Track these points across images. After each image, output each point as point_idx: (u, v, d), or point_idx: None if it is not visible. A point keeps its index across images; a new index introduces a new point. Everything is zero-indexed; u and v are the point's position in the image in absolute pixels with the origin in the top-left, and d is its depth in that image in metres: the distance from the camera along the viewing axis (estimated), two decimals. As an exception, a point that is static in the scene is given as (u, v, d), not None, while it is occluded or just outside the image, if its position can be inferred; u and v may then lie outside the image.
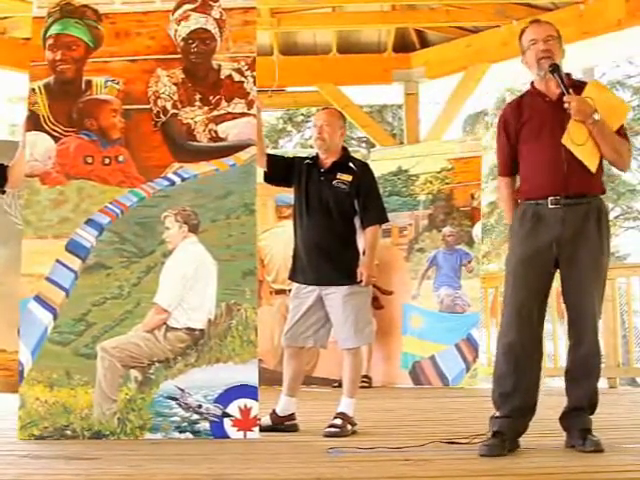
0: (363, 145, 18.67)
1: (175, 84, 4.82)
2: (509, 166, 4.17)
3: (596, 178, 3.93)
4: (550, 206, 3.92)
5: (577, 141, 3.89)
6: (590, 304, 3.90)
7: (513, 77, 9.28)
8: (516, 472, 3.42)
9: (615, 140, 3.92)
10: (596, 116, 3.83)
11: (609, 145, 3.89)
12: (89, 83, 4.85)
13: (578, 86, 3.99)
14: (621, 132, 3.96)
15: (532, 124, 4.02)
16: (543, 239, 3.92)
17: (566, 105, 3.87)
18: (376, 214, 4.89)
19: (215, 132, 4.78)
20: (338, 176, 4.85)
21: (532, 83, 4.11)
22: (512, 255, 4.05)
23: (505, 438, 3.80)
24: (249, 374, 4.53)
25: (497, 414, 3.93)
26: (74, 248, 4.67)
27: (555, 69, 3.93)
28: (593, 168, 3.89)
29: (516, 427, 3.88)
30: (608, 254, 3.98)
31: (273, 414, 4.84)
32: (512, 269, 4.02)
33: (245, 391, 4.51)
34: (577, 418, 3.88)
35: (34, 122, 4.79)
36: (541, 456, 3.71)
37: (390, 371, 8.21)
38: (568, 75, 4.03)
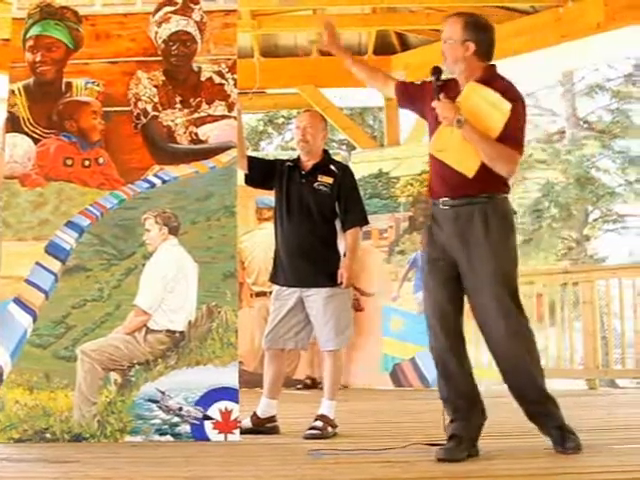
0: (344, 147, 18.67)
1: (155, 86, 4.81)
2: (402, 89, 4.22)
3: (484, 179, 3.81)
4: (442, 207, 3.92)
5: (438, 147, 3.90)
6: (482, 305, 3.84)
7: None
8: (496, 474, 3.43)
9: (486, 145, 3.76)
10: (457, 120, 3.75)
11: (479, 149, 3.76)
12: (69, 85, 4.84)
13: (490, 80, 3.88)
14: (506, 137, 3.77)
15: (433, 120, 3.96)
16: (439, 243, 3.92)
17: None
18: (357, 216, 4.89)
19: (196, 134, 4.78)
20: (319, 178, 4.86)
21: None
22: (423, 275, 4.08)
23: (462, 441, 3.76)
24: (229, 376, 4.53)
25: (450, 418, 3.91)
26: (54, 250, 4.66)
27: (434, 73, 3.91)
28: (468, 172, 3.81)
29: (468, 430, 3.83)
30: (503, 253, 3.84)
31: (254, 416, 4.84)
32: (422, 274, 4.08)
33: (226, 393, 4.51)
34: (545, 417, 3.87)
35: (13, 124, 4.77)
36: (521, 457, 3.72)
37: (370, 373, 8.21)
38: (490, 67, 3.94)
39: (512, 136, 3.79)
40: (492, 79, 3.90)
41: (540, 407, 3.86)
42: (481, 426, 3.89)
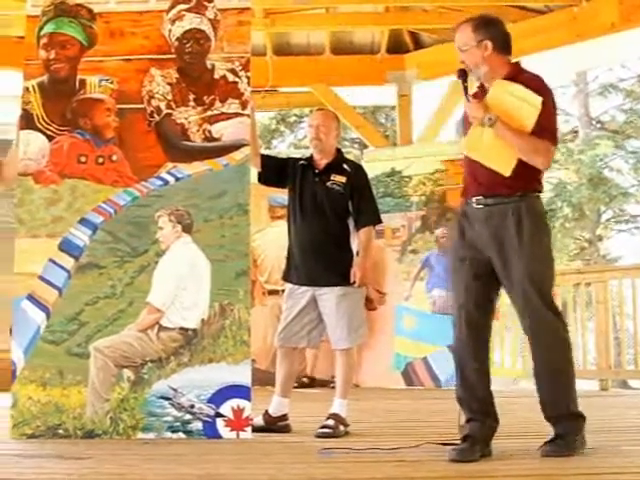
0: (356, 146, 18.68)
1: (169, 84, 4.82)
2: None
3: (518, 177, 3.79)
4: (475, 206, 3.90)
5: (470, 147, 3.91)
6: (520, 305, 3.82)
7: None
8: (509, 474, 3.42)
9: (520, 140, 3.75)
10: (487, 119, 3.77)
11: (514, 146, 3.76)
12: (83, 82, 4.85)
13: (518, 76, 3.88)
14: (539, 130, 3.75)
15: (467, 122, 4.00)
16: (469, 241, 3.91)
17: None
18: (370, 215, 4.89)
19: (209, 132, 4.78)
20: (332, 177, 4.86)
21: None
22: (449, 273, 4.08)
23: (475, 442, 3.73)
24: (242, 374, 4.53)
25: (466, 418, 3.89)
26: (67, 247, 4.67)
27: (459, 75, 3.91)
28: (504, 170, 3.79)
29: (483, 431, 3.81)
30: (536, 253, 3.80)
31: (266, 414, 4.84)
32: (449, 272, 4.08)
33: (238, 391, 4.52)
34: (555, 425, 3.84)
35: (28, 121, 4.78)
36: (534, 458, 3.70)
37: (382, 372, 8.21)
38: (515, 65, 3.94)
39: (545, 128, 3.78)
40: (518, 74, 3.90)
41: (555, 420, 3.85)
42: (495, 429, 3.87)
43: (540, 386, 3.85)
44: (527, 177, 3.83)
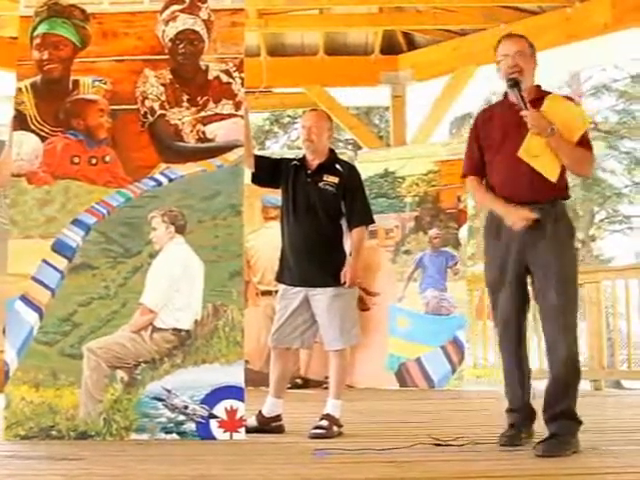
0: (350, 147, 18.68)
1: (163, 85, 4.81)
2: (477, 167, 4.25)
3: (553, 185, 4.01)
4: None
5: (533, 153, 4.01)
6: (557, 301, 3.93)
7: (500, 80, 9.32)
8: (502, 474, 3.43)
9: (573, 150, 4.00)
10: (551, 130, 3.92)
11: (567, 156, 3.98)
12: (76, 83, 4.84)
13: (544, 97, 4.09)
14: (583, 141, 4.02)
15: (499, 133, 4.13)
16: (502, 247, 4.06)
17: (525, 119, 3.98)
18: (362, 215, 4.89)
19: (203, 133, 4.77)
20: (325, 177, 4.86)
21: (505, 93, 4.20)
22: (485, 272, 4.24)
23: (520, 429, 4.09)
24: (235, 375, 4.53)
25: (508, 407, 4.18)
26: (60, 248, 4.66)
27: (514, 84, 4.04)
28: (553, 178, 4.00)
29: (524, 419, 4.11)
30: (570, 255, 4.04)
31: (259, 415, 4.84)
32: (487, 288, 4.24)
33: (231, 392, 4.51)
34: (552, 424, 3.92)
35: (21, 121, 4.77)
36: (526, 458, 3.72)
37: (375, 373, 8.20)
38: (538, 87, 4.15)
39: (587, 140, 4.05)
40: (548, 93, 4.14)
41: (554, 422, 3.92)
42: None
43: (554, 383, 3.95)
44: (561, 185, 4.07)
